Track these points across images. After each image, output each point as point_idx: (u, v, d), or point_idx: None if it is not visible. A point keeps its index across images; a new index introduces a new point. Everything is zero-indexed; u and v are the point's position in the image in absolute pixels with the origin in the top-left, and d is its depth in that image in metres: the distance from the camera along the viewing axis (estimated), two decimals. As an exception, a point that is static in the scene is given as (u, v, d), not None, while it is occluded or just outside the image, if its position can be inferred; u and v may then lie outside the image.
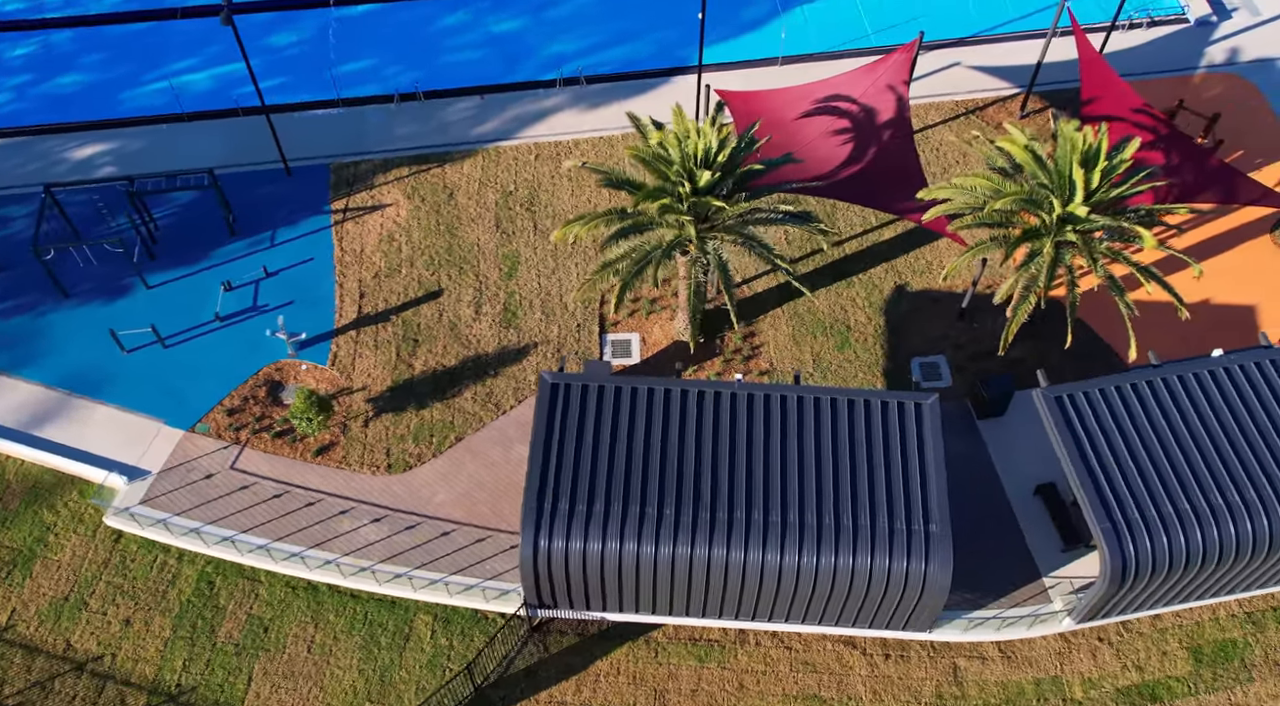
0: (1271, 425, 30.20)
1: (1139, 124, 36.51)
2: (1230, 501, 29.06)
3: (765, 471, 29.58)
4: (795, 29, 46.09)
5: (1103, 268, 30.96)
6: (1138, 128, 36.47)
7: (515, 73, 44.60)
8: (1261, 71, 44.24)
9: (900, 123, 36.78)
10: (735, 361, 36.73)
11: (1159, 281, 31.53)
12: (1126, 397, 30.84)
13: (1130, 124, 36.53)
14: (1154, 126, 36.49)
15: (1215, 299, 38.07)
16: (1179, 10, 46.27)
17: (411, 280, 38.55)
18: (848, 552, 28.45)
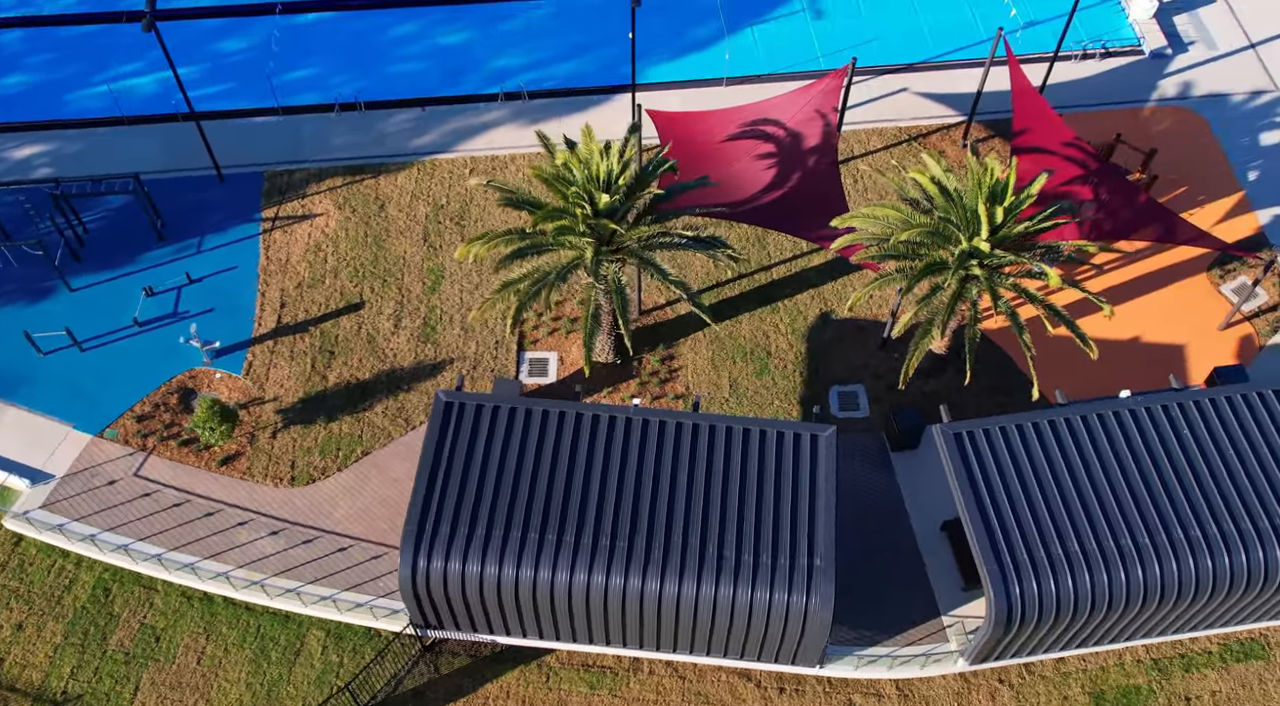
0: (1172, 469, 29.65)
1: (1069, 157, 36.04)
2: (1123, 547, 28.48)
3: (653, 498, 29.22)
4: (744, 50, 45.75)
5: (1006, 304, 30.47)
6: (1067, 161, 36.03)
7: (459, 85, 44.46)
8: (1213, 106, 43.60)
9: (826, 149, 36.40)
10: (651, 384, 36.38)
11: (1064, 320, 30.99)
12: (1027, 437, 30.31)
13: (1060, 158, 36.07)
14: (1083, 160, 35.97)
15: (1148, 337, 37.48)
16: (1134, 42, 45.70)
17: (334, 291, 38.42)
18: (728, 584, 28.06)
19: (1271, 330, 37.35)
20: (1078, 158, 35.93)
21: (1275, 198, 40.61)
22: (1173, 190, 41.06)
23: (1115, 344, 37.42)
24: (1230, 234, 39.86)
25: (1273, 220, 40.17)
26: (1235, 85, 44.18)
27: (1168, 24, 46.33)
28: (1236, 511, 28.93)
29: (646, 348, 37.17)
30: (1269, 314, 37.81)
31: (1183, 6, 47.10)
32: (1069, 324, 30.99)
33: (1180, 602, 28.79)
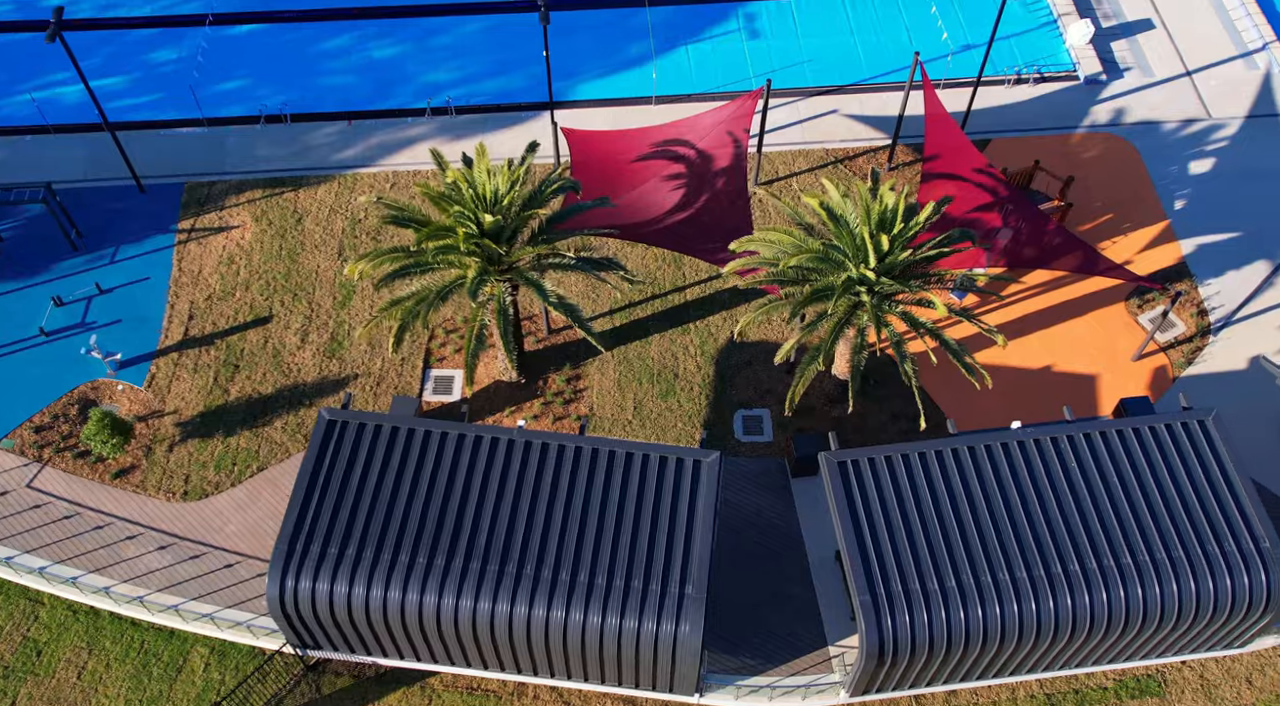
0: (1057, 503, 29.20)
1: (979, 184, 35.74)
2: (999, 581, 28.00)
3: (529, 522, 28.85)
4: (677, 69, 45.53)
5: (894, 332, 30.12)
6: (977, 188, 35.73)
7: (388, 99, 44.36)
8: (1145, 134, 43.21)
9: (735, 171, 36.18)
10: (555, 404, 36.09)
11: (950, 350, 30.61)
12: (912, 467, 29.89)
13: (971, 184, 35.78)
14: (993, 187, 35.67)
15: (1062, 366, 37.05)
16: (1070, 67, 45.39)
17: (244, 304, 38.23)
18: (596, 610, 27.66)
19: (1186, 362, 36.93)
20: (988, 185, 35.63)
21: (1199, 227, 40.22)
22: (1098, 217, 40.70)
23: (1029, 373, 37.02)
24: (1153, 263, 39.47)
25: (1196, 250, 39.77)
26: (1168, 113, 43.82)
27: (1105, 50, 46.02)
28: (1118, 547, 28.43)
29: (553, 367, 36.90)
30: (1185, 345, 37.42)
31: (1121, 33, 46.82)
32: (955, 354, 30.61)
33: (1060, 639, 28.32)
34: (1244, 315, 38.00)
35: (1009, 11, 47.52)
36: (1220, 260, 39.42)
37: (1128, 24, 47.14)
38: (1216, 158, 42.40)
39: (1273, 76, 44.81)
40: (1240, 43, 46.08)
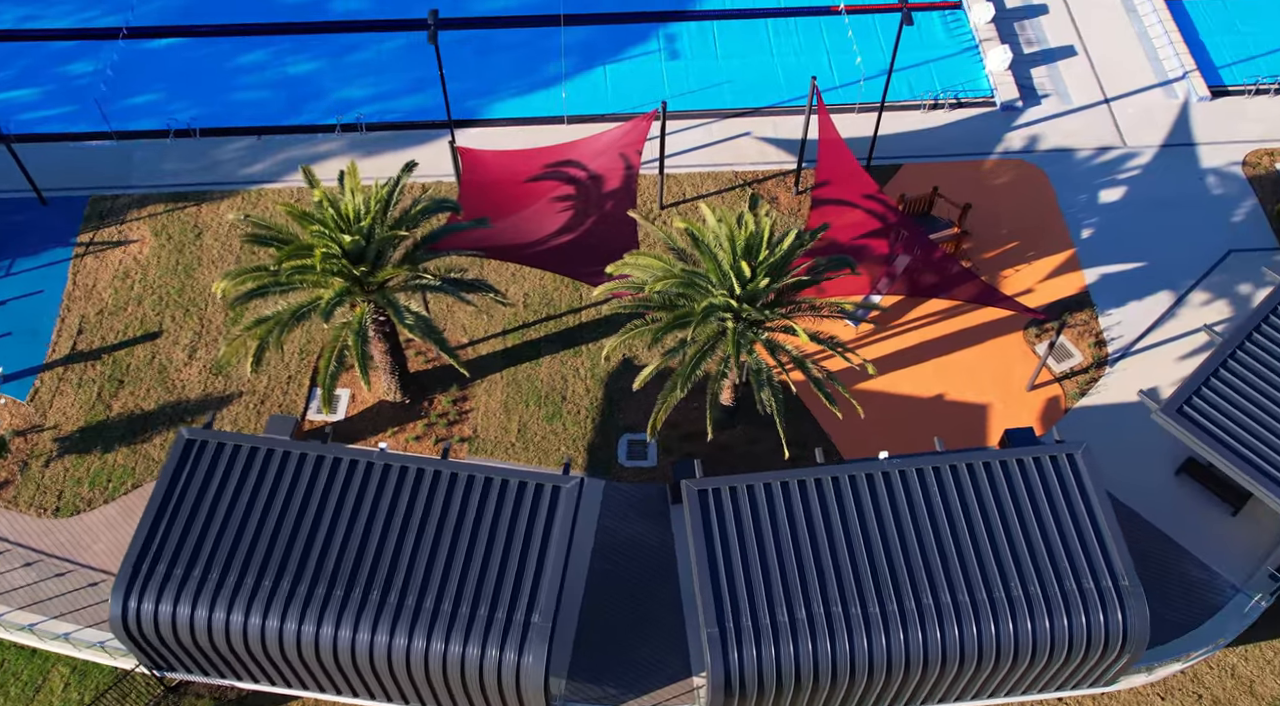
0: (916, 536, 28.73)
1: (868, 211, 35.45)
2: (851, 614, 27.57)
3: (380, 547, 28.48)
4: (594, 88, 45.33)
5: (756, 359, 29.76)
6: (867, 215, 35.43)
7: (300, 115, 44.19)
8: (1057, 161, 42.90)
9: (624, 193, 35.91)
10: (439, 425, 35.77)
11: (812, 380, 30.24)
12: (773, 496, 29.48)
13: (861, 211, 35.49)
14: (883, 214, 35.36)
15: (955, 395, 36.67)
16: (988, 93, 45.14)
17: (134, 319, 37.99)
18: (440, 638, 27.24)
19: (1080, 392, 36.52)
20: (877, 211, 35.34)
21: (1104, 257, 39.86)
22: (1003, 245, 40.37)
23: (921, 402, 36.63)
24: (1055, 292, 39.07)
25: (1099, 279, 39.39)
26: (1083, 141, 43.51)
27: (1024, 76, 45.76)
28: (974, 582, 27.93)
29: (440, 388, 36.63)
30: (1081, 376, 37.02)
31: (1042, 59, 46.58)
32: (816, 383, 30.25)
33: (912, 675, 27.84)
34: (1143, 347, 37.61)
35: (932, 36, 47.43)
36: (1123, 290, 39.06)
37: (1050, 50, 46.92)
38: (1127, 186, 42.08)
39: (1190, 105, 44.52)
40: (1161, 71, 45.81)
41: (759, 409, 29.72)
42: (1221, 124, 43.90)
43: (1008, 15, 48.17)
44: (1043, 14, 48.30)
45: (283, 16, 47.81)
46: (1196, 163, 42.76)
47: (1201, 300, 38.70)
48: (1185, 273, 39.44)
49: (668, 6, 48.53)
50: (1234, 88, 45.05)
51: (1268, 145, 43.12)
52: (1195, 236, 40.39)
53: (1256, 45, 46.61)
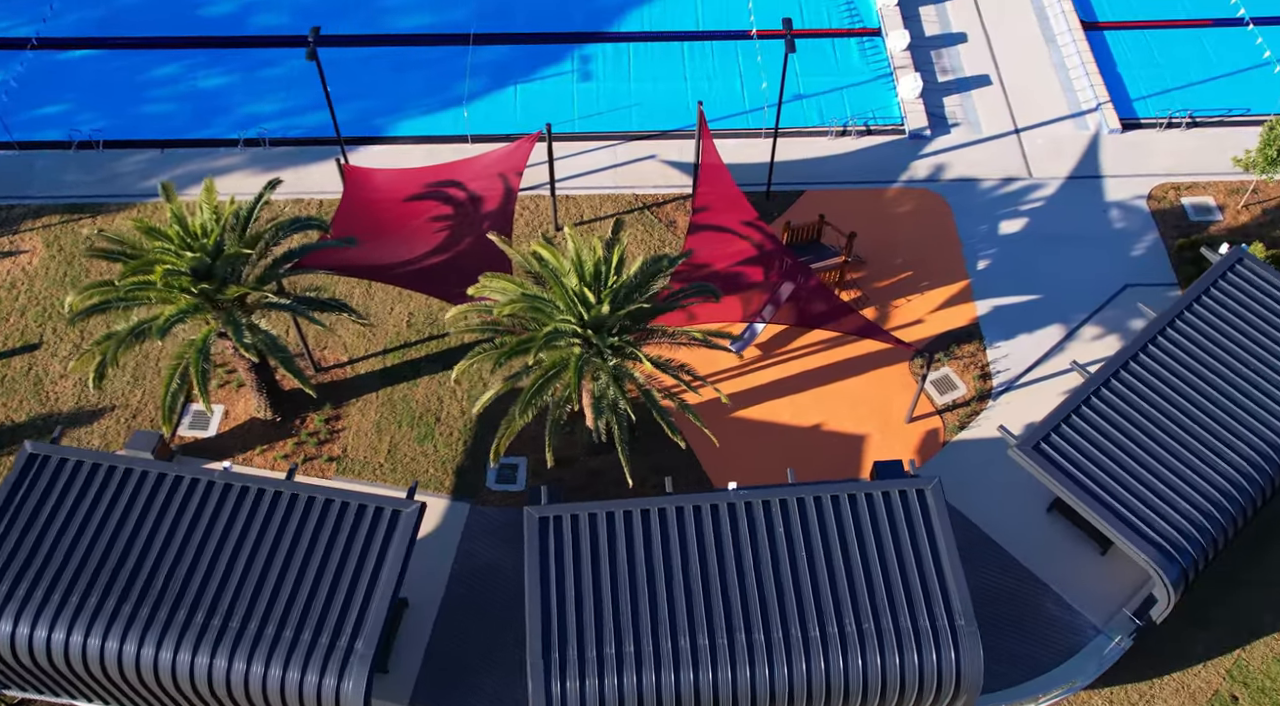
0: (756, 569, 28.17)
1: (746, 238, 35.16)
2: (679, 648, 26.99)
3: (211, 567, 28.09)
4: (503, 108, 45.23)
5: (600, 386, 29.44)
6: (743, 241, 35.15)
7: (206, 129, 44.22)
8: (961, 190, 42.58)
9: (502, 214, 35.73)
10: (309, 444, 35.48)
11: (655, 408, 29.88)
12: (615, 525, 29.06)
13: (737, 237, 35.21)
14: (760, 241, 35.07)
15: (834, 425, 36.23)
16: (898, 121, 44.87)
17: (14, 330, 37.87)
18: (262, 662, 26.79)
19: (960, 425, 36.09)
20: (754, 238, 35.06)
21: (998, 289, 39.45)
22: (898, 274, 40.04)
23: (799, 431, 36.24)
24: (945, 323, 38.64)
25: (991, 311, 39.00)
26: (988, 171, 43.19)
27: (936, 105, 45.52)
28: (809, 617, 27.34)
29: (313, 407, 36.42)
30: (963, 408, 36.60)
31: (956, 88, 46.33)
32: (660, 412, 29.89)
33: (744, 711, 27.50)
34: (1028, 380, 37.17)
35: (848, 63, 47.25)
36: (1013, 323, 38.63)
37: (965, 79, 46.67)
38: (1028, 218, 41.72)
39: (1100, 138, 44.18)
40: (1074, 102, 45.51)
41: (594, 437, 29.40)
42: (1130, 157, 43.55)
43: (925, 43, 48.01)
44: (961, 42, 48.12)
45: (201, 30, 47.96)
46: (1101, 195, 42.41)
47: (1093, 335, 38.27)
48: (1079, 307, 39.03)
49: (585, 28, 48.63)
50: (1146, 121, 44.71)
51: (1174, 179, 42.76)
52: (1093, 270, 39.98)
53: (1174, 78, 46.32)
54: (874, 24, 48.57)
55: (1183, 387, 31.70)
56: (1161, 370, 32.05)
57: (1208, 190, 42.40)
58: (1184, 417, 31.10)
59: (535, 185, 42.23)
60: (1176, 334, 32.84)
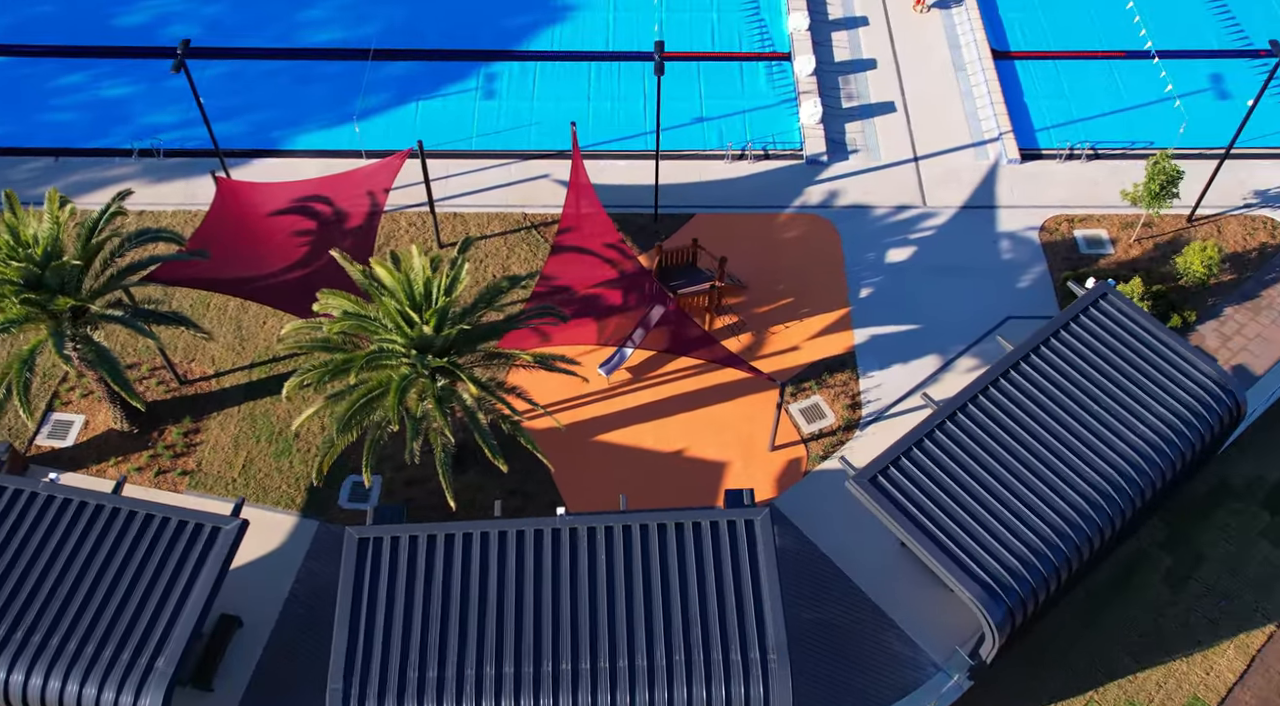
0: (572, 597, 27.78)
1: (606, 259, 34.93)
2: (484, 675, 26.58)
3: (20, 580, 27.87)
4: (402, 123, 45.14)
5: (424, 408, 29.17)
6: (604, 263, 34.92)
7: (104, 138, 44.26)
8: (851, 218, 42.25)
9: (366, 231, 35.62)
10: (164, 457, 35.28)
11: (478, 429, 29.61)
12: (435, 549, 28.72)
13: (600, 259, 34.99)
14: (621, 264, 34.83)
15: (697, 452, 35.82)
16: (797, 146, 44.61)
17: (-116, 335, 38.05)
18: (60, 677, 26.53)
19: (823, 455, 35.66)
20: (615, 261, 34.82)
21: (877, 318, 39.05)
22: (778, 300, 39.66)
23: (661, 456, 35.84)
24: (820, 351, 38.20)
25: (869, 340, 38.57)
26: (882, 198, 42.86)
27: (838, 130, 45.24)
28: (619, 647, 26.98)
29: (172, 419, 36.23)
30: (829, 438, 36.17)
31: (860, 114, 46.05)
32: (482, 435, 29.61)
33: (548, 741, 27.07)
34: (897, 411, 36.74)
35: (754, 87, 47.05)
36: (889, 353, 38.23)
37: (870, 106, 46.40)
38: (917, 247, 41.34)
39: (999, 167, 43.82)
40: (977, 132, 45.15)
41: (406, 458, 29.13)
42: (1027, 188, 43.16)
43: (834, 68, 47.79)
44: (870, 68, 47.89)
45: (112, 40, 48.14)
46: (993, 226, 42.02)
47: (968, 367, 37.81)
48: (958, 338, 38.58)
49: (494, 46, 48.58)
50: (1048, 151, 44.33)
51: (1069, 211, 42.36)
52: (976, 301, 39.55)
53: (1081, 110, 45.96)
54: (785, 48, 48.48)
55: (1029, 423, 31.25)
56: (1010, 404, 31.62)
57: (1102, 223, 42.02)
58: (1026, 454, 30.64)
59: (422, 202, 42.12)
60: (1030, 368, 32.40)
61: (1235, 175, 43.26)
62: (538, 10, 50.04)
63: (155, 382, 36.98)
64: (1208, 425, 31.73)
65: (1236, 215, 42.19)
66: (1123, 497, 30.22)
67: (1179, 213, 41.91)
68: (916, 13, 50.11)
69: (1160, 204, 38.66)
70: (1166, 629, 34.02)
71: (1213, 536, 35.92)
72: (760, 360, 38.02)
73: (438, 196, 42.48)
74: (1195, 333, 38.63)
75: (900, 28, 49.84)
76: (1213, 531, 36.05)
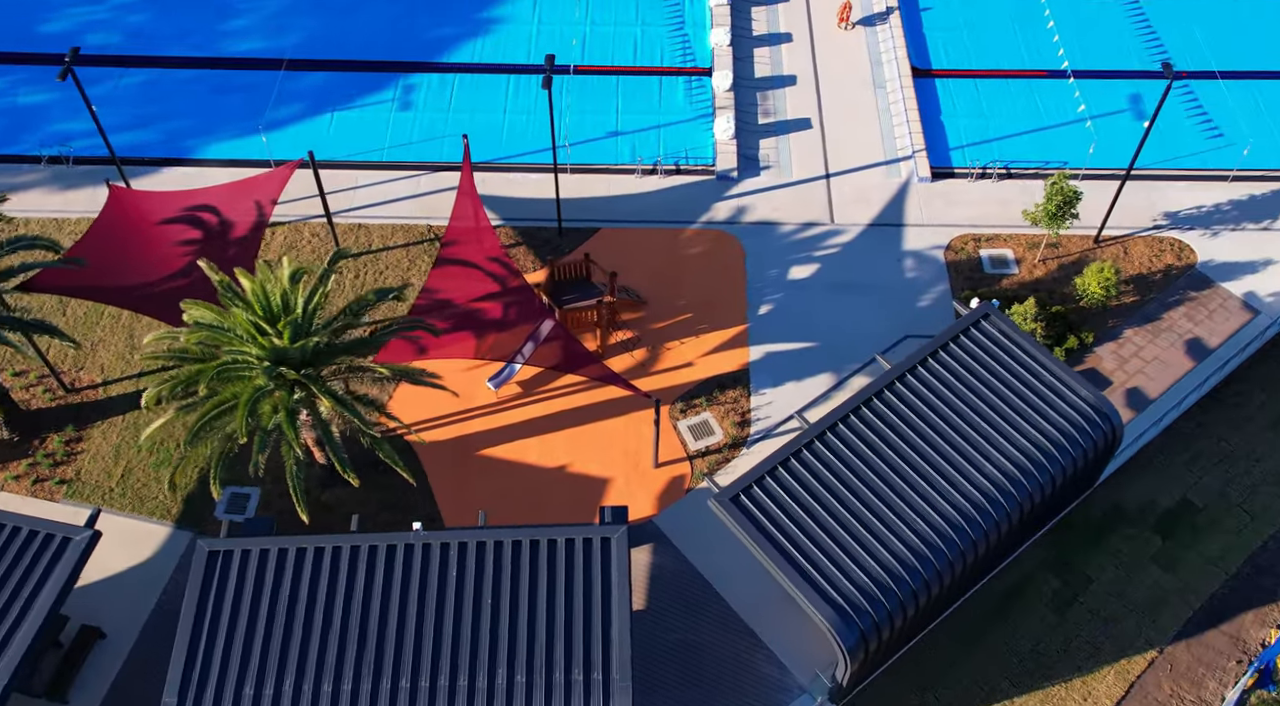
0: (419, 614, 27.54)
1: (489, 273, 34.74)
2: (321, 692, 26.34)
3: None
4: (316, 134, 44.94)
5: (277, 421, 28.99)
6: (486, 277, 34.73)
7: (14, 145, 44.19)
8: (757, 234, 42.03)
9: (250, 242, 35.46)
10: (43, 465, 35.06)
11: (330, 443, 29.41)
12: (285, 564, 28.44)
13: (482, 273, 34.80)
14: (504, 277, 34.64)
15: (581, 467, 35.49)
16: (710, 161, 44.44)
17: None
18: (-106, 690, 26.61)
19: (706, 473, 35.35)
20: (498, 274, 34.64)
21: (775, 335, 38.77)
22: (677, 316, 39.43)
23: (544, 471, 35.57)
24: (715, 367, 37.93)
25: (763, 357, 38.33)
26: (789, 215, 42.64)
27: (751, 146, 45.06)
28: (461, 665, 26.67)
29: (55, 428, 36.04)
30: (715, 455, 35.89)
31: (776, 130, 45.85)
32: (334, 448, 29.41)
33: (386, 760, 26.77)
34: (785, 430, 36.45)
35: (673, 101, 46.88)
36: (783, 371, 37.95)
37: (786, 122, 46.22)
38: (820, 265, 41.11)
39: (910, 186, 43.61)
40: (892, 149, 44.99)
41: (250, 471, 28.90)
42: (936, 206, 42.95)
43: (753, 84, 47.66)
44: (790, 84, 47.77)
45: (33, 47, 48.15)
46: (899, 244, 41.78)
47: (860, 385, 37.27)
48: (854, 356, 38.29)
49: (415, 57, 48.45)
50: (960, 170, 44.12)
51: (977, 230, 42.13)
52: (875, 319, 39.26)
53: (997, 129, 45.71)
54: (707, 63, 48.36)
55: (897, 445, 30.92)
56: (880, 425, 31.32)
57: (1009, 243, 41.77)
58: (892, 476, 30.30)
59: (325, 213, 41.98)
60: (904, 389, 32.13)
61: (1146, 196, 43.10)
62: (462, 23, 50.05)
63: (42, 391, 36.83)
64: (1081, 449, 31.41)
65: (1144, 236, 41.97)
66: (987, 521, 29.91)
67: (1086, 233, 41.73)
68: (841, 29, 50.05)
69: (1059, 224, 38.41)
70: (1048, 653, 33.73)
71: (1103, 560, 35.68)
72: (653, 376, 37.82)
73: (345, 207, 42.38)
74: (1093, 354, 38.41)
75: (823, 44, 49.73)
76: (1103, 555, 35.80)
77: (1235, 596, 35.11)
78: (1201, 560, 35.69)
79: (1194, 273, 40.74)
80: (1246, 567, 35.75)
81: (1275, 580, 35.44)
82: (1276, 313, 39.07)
